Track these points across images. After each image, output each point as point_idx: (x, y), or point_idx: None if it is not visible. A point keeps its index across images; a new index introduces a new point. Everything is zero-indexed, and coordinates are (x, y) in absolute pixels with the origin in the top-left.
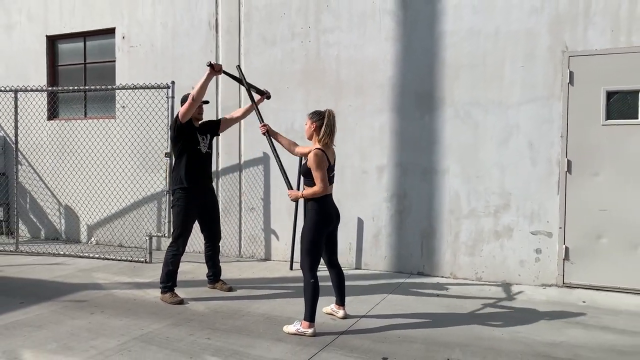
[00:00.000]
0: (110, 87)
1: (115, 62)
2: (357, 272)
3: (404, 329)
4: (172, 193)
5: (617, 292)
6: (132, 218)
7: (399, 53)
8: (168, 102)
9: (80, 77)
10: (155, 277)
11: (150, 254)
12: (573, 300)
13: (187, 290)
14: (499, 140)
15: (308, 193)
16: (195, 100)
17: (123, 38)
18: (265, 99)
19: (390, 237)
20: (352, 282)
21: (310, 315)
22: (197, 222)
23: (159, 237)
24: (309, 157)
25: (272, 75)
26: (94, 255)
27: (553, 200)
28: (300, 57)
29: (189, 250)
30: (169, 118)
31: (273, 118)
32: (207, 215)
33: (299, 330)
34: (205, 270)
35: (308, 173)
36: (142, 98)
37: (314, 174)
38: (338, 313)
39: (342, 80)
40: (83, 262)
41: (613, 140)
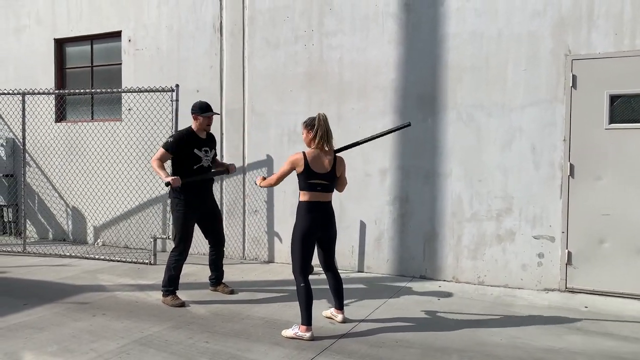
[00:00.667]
0: (116, 90)
1: (122, 65)
2: (359, 275)
3: (403, 334)
4: (171, 198)
5: (620, 297)
6: (137, 220)
7: (402, 56)
8: (172, 105)
9: (87, 80)
10: (159, 279)
11: (155, 256)
12: (575, 306)
13: (189, 293)
14: (502, 144)
15: (264, 182)
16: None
17: (129, 41)
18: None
19: (393, 240)
20: (353, 285)
21: (307, 319)
22: (199, 227)
23: (164, 239)
24: None
25: (275, 78)
26: (100, 257)
27: (556, 204)
28: (304, 60)
29: (194, 252)
30: (173, 121)
31: (276, 121)
32: (207, 221)
33: (297, 334)
34: (208, 273)
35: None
36: (147, 101)
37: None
38: (337, 317)
39: (344, 83)
40: (89, 263)
41: (616, 144)
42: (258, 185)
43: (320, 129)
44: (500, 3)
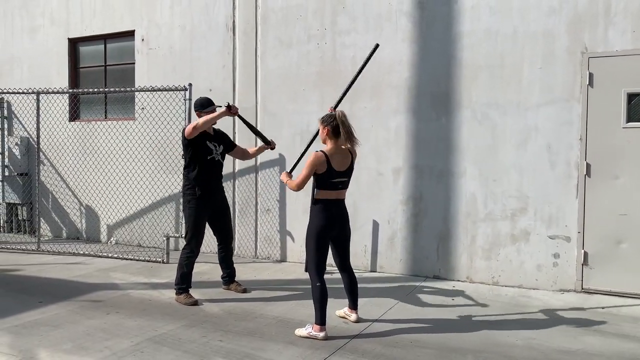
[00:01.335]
0: (130, 89)
1: (135, 64)
2: (372, 274)
3: (417, 334)
4: (182, 195)
5: (637, 298)
6: (150, 218)
7: (415, 54)
8: (185, 104)
9: (101, 79)
10: (172, 277)
11: (168, 255)
12: (591, 307)
13: (202, 291)
14: (517, 143)
15: (289, 184)
16: (198, 128)
17: (142, 40)
18: (270, 149)
19: (406, 240)
20: (366, 284)
21: (321, 319)
22: (209, 224)
23: (176, 237)
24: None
25: (287, 78)
26: (113, 255)
27: (572, 204)
28: (316, 59)
29: (206, 251)
30: (186, 120)
31: (288, 120)
32: (218, 218)
33: (311, 334)
34: (220, 271)
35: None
36: (160, 100)
37: (302, 171)
38: (351, 317)
39: (357, 82)
40: (102, 261)
41: (634, 143)
42: (285, 183)
43: (343, 127)
44: (515, 0)
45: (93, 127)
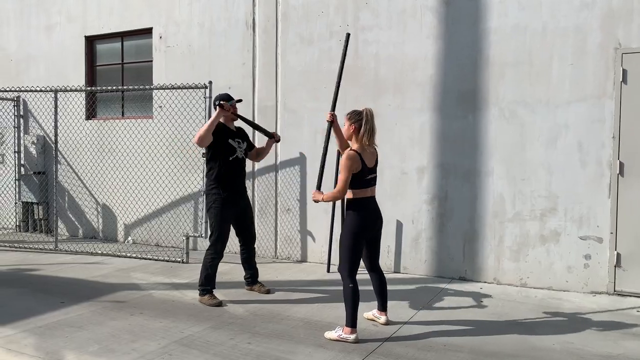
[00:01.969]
0: (149, 87)
1: (152, 62)
2: (396, 275)
3: (449, 337)
4: (206, 195)
5: None
6: (168, 218)
7: (441, 51)
8: (205, 102)
9: (117, 77)
10: (192, 277)
11: (187, 254)
12: (626, 309)
13: (224, 292)
14: (546, 141)
15: (328, 197)
16: (204, 137)
17: (160, 38)
18: (275, 142)
19: (431, 240)
20: (391, 286)
21: (352, 321)
22: (232, 225)
23: (196, 237)
24: (342, 157)
25: (309, 75)
26: (131, 255)
27: (604, 204)
28: (338, 55)
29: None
30: (206, 118)
31: (309, 118)
32: (241, 219)
33: (341, 336)
34: (242, 271)
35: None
36: (179, 98)
37: (339, 175)
38: (380, 319)
39: (380, 79)
40: (120, 261)
41: None
42: (321, 200)
43: (368, 124)
44: None
45: (110, 125)
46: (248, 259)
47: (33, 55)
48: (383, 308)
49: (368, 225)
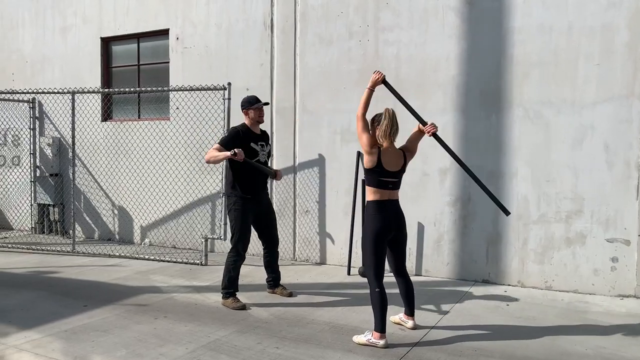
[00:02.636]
0: (167, 88)
1: (169, 63)
2: (417, 278)
3: (479, 341)
4: (227, 197)
5: None
6: (186, 220)
7: (464, 51)
8: (224, 103)
9: (133, 78)
10: (213, 280)
11: (206, 257)
12: None
13: (247, 295)
14: (572, 142)
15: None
16: (209, 163)
17: (177, 39)
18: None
19: (454, 243)
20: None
21: (381, 326)
22: (253, 227)
23: (214, 239)
24: None
25: (328, 75)
26: (149, 257)
27: (631, 206)
28: (358, 56)
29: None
30: (225, 120)
31: (328, 119)
32: (262, 221)
33: (370, 341)
34: (263, 274)
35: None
36: (197, 99)
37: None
38: (407, 323)
39: (401, 80)
40: (139, 263)
41: None
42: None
43: (390, 123)
44: None
45: (126, 127)
46: (271, 262)
47: (48, 57)
48: (410, 312)
49: (383, 229)
